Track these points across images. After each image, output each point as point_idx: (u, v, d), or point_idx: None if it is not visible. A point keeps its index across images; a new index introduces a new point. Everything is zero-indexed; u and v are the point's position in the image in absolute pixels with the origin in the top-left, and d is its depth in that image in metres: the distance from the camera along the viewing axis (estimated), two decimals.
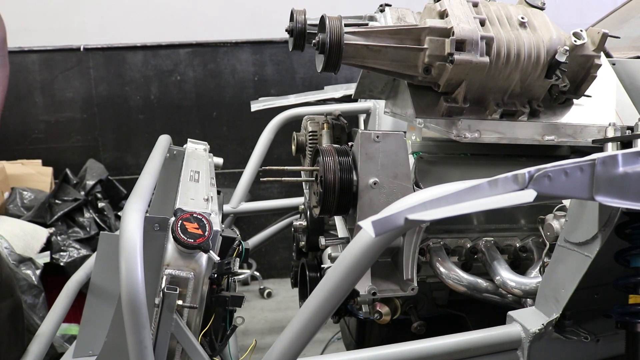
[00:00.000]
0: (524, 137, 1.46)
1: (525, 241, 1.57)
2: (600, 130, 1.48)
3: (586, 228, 1.08)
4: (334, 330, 2.73)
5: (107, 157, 3.47)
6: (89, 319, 1.31)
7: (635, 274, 1.06)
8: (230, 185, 2.80)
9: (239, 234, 1.26)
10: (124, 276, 0.90)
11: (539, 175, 0.78)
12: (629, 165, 0.83)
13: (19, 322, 1.48)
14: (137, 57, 3.39)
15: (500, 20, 1.42)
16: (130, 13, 3.35)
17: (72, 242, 2.85)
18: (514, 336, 1.19)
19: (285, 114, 2.52)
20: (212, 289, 1.11)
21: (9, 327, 1.42)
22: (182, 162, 1.48)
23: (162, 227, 1.05)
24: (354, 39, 1.36)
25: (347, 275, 0.95)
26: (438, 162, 1.58)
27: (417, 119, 1.46)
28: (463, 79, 1.37)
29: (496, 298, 1.47)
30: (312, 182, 1.51)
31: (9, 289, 1.44)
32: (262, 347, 1.12)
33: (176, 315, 0.99)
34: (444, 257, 1.50)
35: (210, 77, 3.49)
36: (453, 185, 0.78)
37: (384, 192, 1.38)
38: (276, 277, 3.72)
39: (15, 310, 1.46)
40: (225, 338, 1.15)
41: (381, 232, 0.71)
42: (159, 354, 0.98)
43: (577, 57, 1.44)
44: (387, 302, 1.44)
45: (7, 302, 1.41)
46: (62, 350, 2.20)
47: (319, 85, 3.06)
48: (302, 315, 1.00)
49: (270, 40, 3.48)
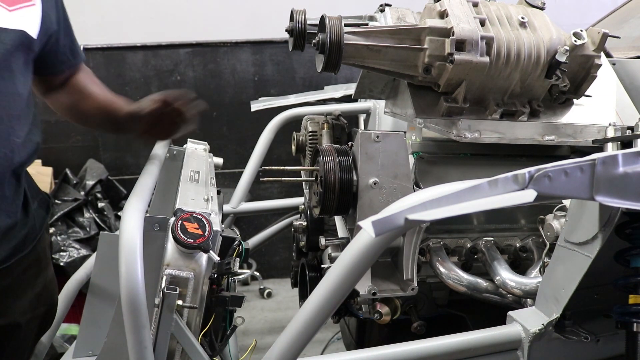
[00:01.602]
0: (524, 137, 1.46)
1: (525, 241, 1.57)
2: (600, 130, 1.48)
3: (586, 228, 1.08)
4: (334, 330, 2.73)
5: (107, 157, 3.47)
6: (89, 319, 1.31)
7: (635, 274, 1.06)
8: (230, 185, 2.79)
9: (239, 234, 1.26)
10: (124, 276, 0.90)
11: (539, 175, 0.78)
12: (629, 165, 0.83)
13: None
14: (137, 57, 3.39)
15: (500, 20, 1.42)
16: (130, 13, 3.34)
17: (72, 242, 2.85)
18: (514, 336, 1.19)
19: (285, 114, 2.52)
20: (212, 289, 1.11)
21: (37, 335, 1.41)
22: (182, 162, 1.48)
23: (162, 227, 1.05)
24: (354, 39, 1.36)
25: (347, 275, 0.95)
26: (438, 162, 1.58)
27: (417, 119, 1.46)
28: (463, 79, 1.37)
29: (496, 298, 1.47)
30: (312, 182, 1.51)
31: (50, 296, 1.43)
32: (262, 347, 1.12)
33: (176, 315, 0.99)
34: (444, 257, 1.50)
35: (210, 77, 3.48)
36: (453, 185, 0.78)
37: (384, 192, 1.38)
38: (276, 277, 3.72)
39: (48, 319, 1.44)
40: (225, 338, 1.15)
41: (381, 232, 0.71)
42: (159, 354, 0.98)
43: (577, 57, 1.44)
44: (387, 302, 1.44)
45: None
46: (62, 350, 2.20)
47: (319, 85, 3.06)
48: (302, 315, 1.00)
49: (270, 40, 3.48)
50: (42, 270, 1.34)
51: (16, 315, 1.25)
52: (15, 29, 1.13)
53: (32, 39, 1.17)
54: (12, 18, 1.13)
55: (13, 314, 1.24)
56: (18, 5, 1.15)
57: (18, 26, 1.13)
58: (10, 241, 1.20)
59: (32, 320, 1.30)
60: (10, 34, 1.12)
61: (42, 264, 1.34)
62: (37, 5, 1.19)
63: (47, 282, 1.37)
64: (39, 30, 1.18)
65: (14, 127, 1.15)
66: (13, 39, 1.12)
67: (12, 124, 1.14)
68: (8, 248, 1.19)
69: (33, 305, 1.30)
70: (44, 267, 1.36)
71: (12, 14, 1.13)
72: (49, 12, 1.22)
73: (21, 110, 1.17)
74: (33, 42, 1.17)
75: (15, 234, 1.21)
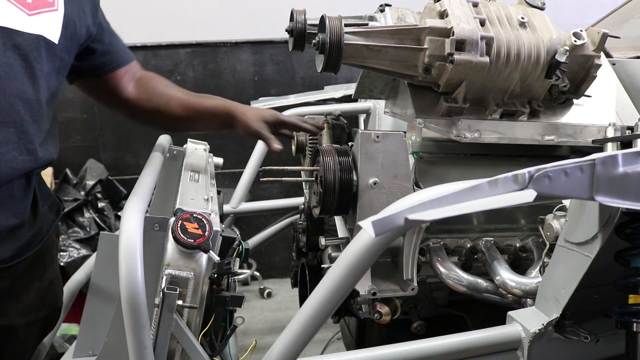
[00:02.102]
0: (524, 137, 1.46)
1: (525, 241, 1.57)
2: (600, 130, 1.48)
3: (586, 228, 1.08)
4: (334, 330, 2.73)
5: (107, 157, 3.47)
6: (89, 319, 1.31)
7: (635, 274, 1.06)
8: (230, 185, 2.80)
9: (239, 234, 1.26)
10: (124, 276, 0.90)
11: (539, 175, 0.78)
12: (629, 165, 0.83)
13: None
14: (137, 57, 3.35)
15: (500, 20, 1.42)
16: (130, 13, 3.34)
17: (72, 242, 2.85)
18: (514, 336, 1.19)
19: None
20: (212, 289, 1.11)
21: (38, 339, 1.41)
22: (182, 162, 1.48)
23: (162, 227, 1.05)
24: (354, 39, 1.36)
25: (347, 275, 0.95)
26: (438, 162, 1.58)
27: (417, 119, 1.46)
28: (463, 79, 1.37)
29: (496, 298, 1.47)
30: (312, 182, 1.51)
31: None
32: (262, 347, 1.12)
33: (176, 315, 0.99)
34: (444, 257, 1.50)
35: (210, 77, 3.49)
36: (453, 185, 0.77)
37: (384, 192, 1.38)
38: (276, 277, 3.72)
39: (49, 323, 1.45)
40: (225, 338, 1.15)
41: (381, 232, 0.71)
42: (159, 354, 0.98)
43: (577, 57, 1.44)
44: (387, 302, 1.44)
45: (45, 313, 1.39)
46: (62, 350, 2.20)
47: (319, 85, 3.06)
48: (302, 315, 1.00)
49: (270, 40, 3.48)
50: (46, 273, 1.34)
51: (15, 316, 1.25)
52: (33, 34, 1.12)
53: (52, 44, 1.15)
54: (31, 22, 1.12)
55: (14, 315, 1.24)
56: (38, 10, 1.14)
57: (36, 31, 1.12)
58: (16, 241, 1.19)
59: (34, 322, 1.30)
60: (27, 38, 1.11)
61: (47, 267, 1.34)
62: (60, 11, 1.18)
63: (52, 286, 1.37)
64: (61, 35, 1.17)
65: (28, 132, 1.13)
66: (30, 44, 1.11)
67: (26, 129, 1.13)
68: (13, 248, 1.19)
69: (36, 307, 1.30)
70: (50, 270, 1.36)
71: (31, 19, 1.12)
72: (73, 18, 1.21)
73: (38, 117, 1.16)
74: (54, 47, 1.16)
75: (21, 235, 1.21)
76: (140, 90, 1.47)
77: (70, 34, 1.21)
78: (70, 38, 1.22)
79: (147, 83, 1.48)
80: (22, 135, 1.13)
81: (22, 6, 1.11)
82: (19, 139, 1.12)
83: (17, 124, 1.11)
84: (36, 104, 1.15)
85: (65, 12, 1.19)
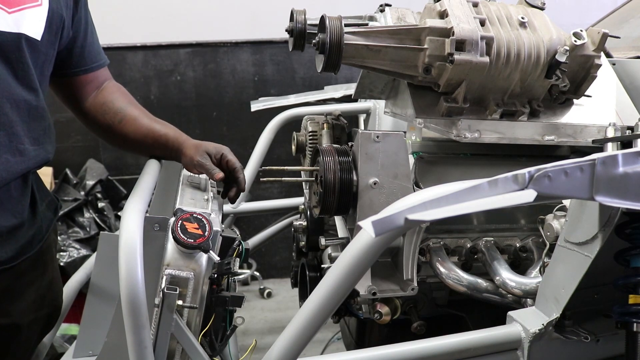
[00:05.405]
0: (524, 137, 1.46)
1: (525, 241, 1.57)
2: (600, 130, 1.48)
3: (586, 228, 1.08)
4: (334, 330, 2.73)
5: (107, 157, 3.47)
6: (89, 319, 1.31)
7: (635, 274, 1.06)
8: None
9: (239, 234, 1.26)
10: (124, 276, 0.90)
11: (539, 175, 0.78)
12: (629, 165, 0.83)
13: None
14: (137, 57, 3.39)
15: (500, 20, 1.42)
16: (130, 13, 3.34)
17: (72, 242, 2.85)
18: (514, 336, 1.19)
19: (285, 114, 2.52)
20: (212, 289, 1.11)
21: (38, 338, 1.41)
22: None
23: (162, 227, 1.05)
24: (354, 39, 1.36)
25: (347, 275, 0.95)
26: (438, 162, 1.58)
27: (417, 119, 1.46)
28: (463, 79, 1.37)
29: (496, 298, 1.47)
30: (312, 182, 1.51)
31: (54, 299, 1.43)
32: (262, 347, 1.12)
33: (176, 315, 0.99)
34: (444, 257, 1.50)
35: (210, 77, 3.48)
36: (453, 185, 0.77)
37: (384, 192, 1.38)
38: (276, 277, 3.72)
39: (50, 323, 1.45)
40: (225, 338, 1.15)
41: (381, 232, 0.71)
42: (159, 354, 0.98)
43: (577, 57, 1.44)
44: (387, 302, 1.44)
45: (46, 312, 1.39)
46: (62, 350, 2.20)
47: (319, 85, 3.06)
48: (302, 315, 1.01)
49: (270, 40, 3.48)
50: (47, 272, 1.34)
51: (19, 315, 1.25)
52: (13, 32, 1.08)
53: (34, 41, 1.13)
54: (11, 20, 1.09)
55: (16, 315, 1.24)
56: (20, 7, 1.10)
57: (17, 29, 1.09)
58: (17, 241, 1.19)
59: (35, 321, 1.30)
60: (7, 37, 1.08)
61: (47, 265, 1.34)
62: (44, 5, 1.15)
63: (52, 284, 1.37)
64: (44, 30, 1.14)
65: (18, 133, 1.12)
66: (11, 43, 1.08)
67: (16, 130, 1.12)
68: (14, 248, 1.19)
69: (37, 306, 1.30)
70: (50, 268, 1.36)
71: (12, 16, 1.09)
72: (59, 12, 1.19)
73: (27, 117, 1.14)
74: (37, 44, 1.13)
75: (22, 234, 1.21)
76: (97, 103, 1.40)
77: (55, 28, 1.18)
78: (56, 32, 1.19)
79: (106, 97, 1.41)
80: (13, 138, 1.12)
81: (2, 4, 1.08)
82: (9, 141, 1.11)
83: (7, 127, 1.10)
84: (24, 104, 1.13)
85: (50, 6, 1.16)
